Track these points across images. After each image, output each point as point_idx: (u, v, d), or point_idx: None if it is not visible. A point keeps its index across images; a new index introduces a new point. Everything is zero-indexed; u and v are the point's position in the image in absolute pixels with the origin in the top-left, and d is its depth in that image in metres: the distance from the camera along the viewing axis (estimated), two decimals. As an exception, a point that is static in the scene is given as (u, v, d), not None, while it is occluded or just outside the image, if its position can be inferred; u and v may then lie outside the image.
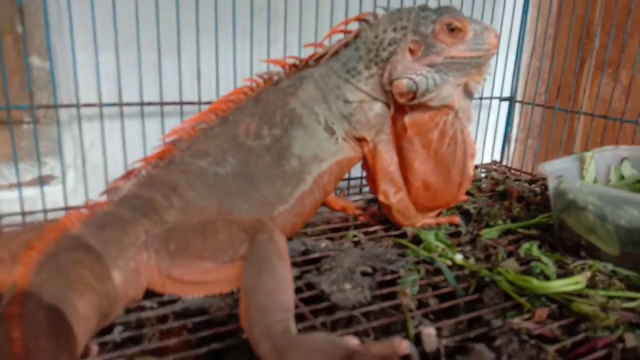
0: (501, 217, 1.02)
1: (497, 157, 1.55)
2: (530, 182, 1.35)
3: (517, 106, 1.53)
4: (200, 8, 0.99)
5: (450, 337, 0.64)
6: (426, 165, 0.92)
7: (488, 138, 1.50)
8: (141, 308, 0.67)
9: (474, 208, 1.05)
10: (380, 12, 0.87)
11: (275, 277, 0.59)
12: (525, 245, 0.90)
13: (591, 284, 0.77)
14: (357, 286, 0.73)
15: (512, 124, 1.52)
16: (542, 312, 0.70)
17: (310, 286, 0.75)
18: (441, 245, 0.90)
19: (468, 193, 1.14)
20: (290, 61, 0.87)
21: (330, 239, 0.93)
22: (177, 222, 0.70)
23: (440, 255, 0.86)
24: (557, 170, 0.95)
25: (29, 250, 0.54)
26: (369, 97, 0.87)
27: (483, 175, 1.41)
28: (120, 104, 0.97)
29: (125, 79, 0.97)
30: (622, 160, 1.06)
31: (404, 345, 0.50)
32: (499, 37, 0.84)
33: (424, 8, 0.85)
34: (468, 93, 0.89)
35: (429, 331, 0.63)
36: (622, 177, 1.05)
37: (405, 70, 0.84)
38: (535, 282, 0.74)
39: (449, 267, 0.83)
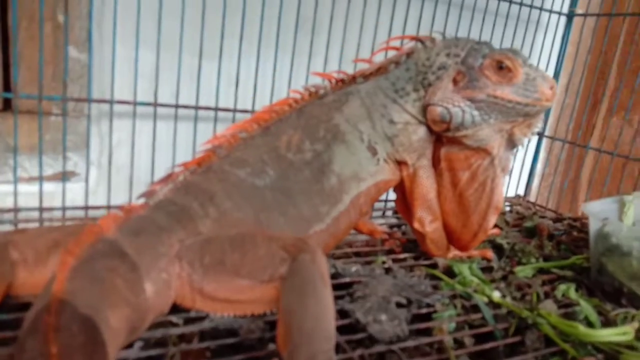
0: (534, 255, 0.99)
1: (520, 192, 1.52)
2: (556, 220, 1.32)
3: (544, 141, 1.50)
4: (247, 15, 0.96)
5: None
6: (449, 204, 0.88)
7: (514, 172, 1.46)
8: (165, 324, 0.63)
9: (507, 243, 1.02)
10: (437, 36, 0.84)
11: (320, 303, 0.56)
12: (562, 287, 0.87)
13: (638, 336, 0.73)
14: (394, 318, 0.70)
15: (538, 159, 1.50)
16: (589, 362, 0.66)
17: (343, 313, 0.71)
18: (476, 280, 0.86)
19: (496, 225, 1.10)
20: (337, 75, 0.85)
21: (359, 263, 0.89)
22: (212, 233, 0.66)
23: (475, 291, 0.83)
24: (597, 211, 0.92)
25: (65, 254, 0.50)
26: (415, 120, 0.84)
27: (507, 208, 1.38)
28: (155, 104, 0.94)
29: (162, 79, 0.94)
30: (662, 207, 1.03)
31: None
32: (555, 88, 0.79)
33: (483, 42, 0.82)
34: (511, 143, 0.84)
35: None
36: (660, 225, 1.02)
37: (443, 98, 0.81)
38: (581, 329, 0.70)
39: (485, 305, 0.79)
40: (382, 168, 0.84)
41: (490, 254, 0.97)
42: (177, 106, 0.95)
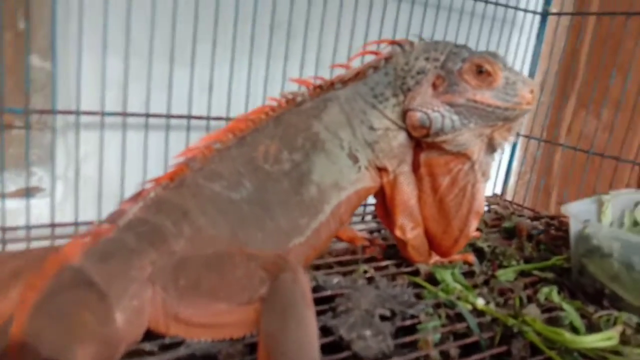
0: (515, 258, 0.98)
1: (497, 190, 1.52)
2: (533, 218, 1.32)
3: (521, 140, 1.51)
4: (220, 19, 0.93)
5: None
6: (429, 209, 0.87)
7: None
8: (139, 352, 0.59)
9: (488, 246, 1.01)
10: (416, 40, 0.83)
11: (303, 326, 0.53)
12: (545, 289, 0.86)
13: (622, 340, 0.73)
14: (378, 333, 0.68)
15: (515, 157, 1.50)
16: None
17: (326, 330, 0.69)
18: (459, 287, 0.85)
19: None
20: (315, 82, 0.82)
21: (340, 273, 0.87)
22: (187, 252, 0.63)
23: (459, 298, 0.81)
24: (577, 212, 0.92)
25: (26, 289, 0.46)
26: (395, 126, 0.82)
27: (486, 208, 1.38)
28: (124, 114, 0.90)
29: (132, 87, 0.90)
30: (637, 204, 1.04)
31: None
32: (535, 92, 0.78)
33: (462, 46, 0.81)
34: (491, 147, 0.83)
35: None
36: (635, 223, 1.03)
37: (423, 103, 0.79)
38: (567, 336, 0.70)
39: (470, 312, 0.78)
40: (363, 175, 0.82)
41: (471, 258, 0.96)
42: (147, 115, 0.92)
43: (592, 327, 0.78)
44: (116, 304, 0.53)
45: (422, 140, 0.83)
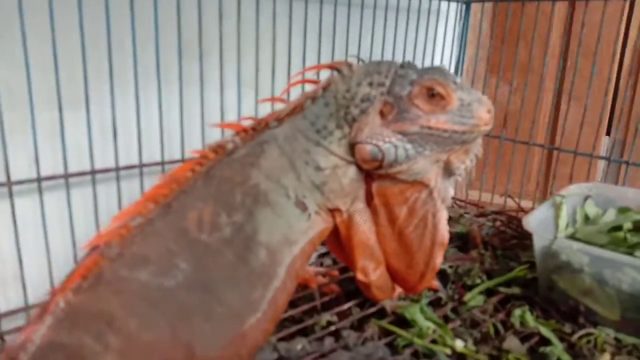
0: (478, 275, 0.93)
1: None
2: (479, 215, 1.29)
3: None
4: (114, 46, 0.76)
5: None
6: (389, 242, 0.78)
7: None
8: None
9: (450, 267, 0.95)
10: (353, 61, 0.72)
11: None
12: (517, 312, 0.82)
13: (611, 367, 0.69)
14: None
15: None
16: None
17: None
18: (432, 326, 0.78)
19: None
20: (246, 123, 0.69)
21: (301, 330, 0.77)
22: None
23: (435, 341, 0.74)
24: (537, 224, 0.87)
25: None
26: (343, 161, 0.72)
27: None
28: (9, 184, 0.71)
29: (13, 146, 0.71)
30: (586, 199, 1.02)
31: None
32: (492, 111, 0.70)
33: (407, 65, 0.71)
34: (449, 172, 0.75)
35: None
36: (587, 218, 1.01)
37: (372, 135, 0.69)
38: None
39: (449, 357, 0.72)
40: (314, 222, 0.71)
41: (435, 284, 0.90)
42: (39, 179, 0.73)
43: (573, 350, 0.74)
44: None
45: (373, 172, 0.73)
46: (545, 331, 0.77)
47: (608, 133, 1.85)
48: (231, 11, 0.89)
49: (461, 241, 1.10)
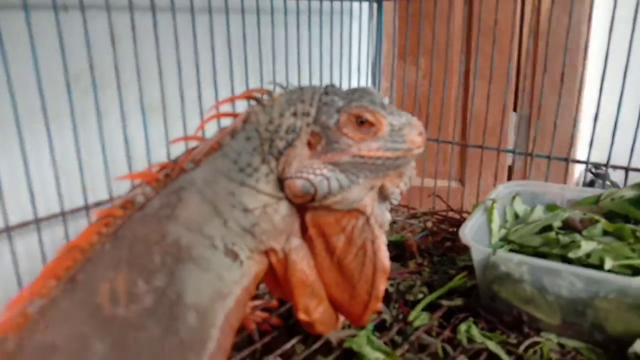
0: (420, 290, 0.91)
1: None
2: (410, 217, 1.29)
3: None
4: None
5: None
6: (328, 273, 0.73)
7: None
8: None
9: (390, 285, 0.91)
10: (272, 88, 0.65)
11: None
12: (463, 327, 0.80)
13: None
14: None
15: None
16: None
17: None
18: (381, 356, 0.74)
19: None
20: (157, 171, 0.60)
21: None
22: None
23: (387, 375, 0.71)
24: (473, 234, 0.86)
25: None
26: (273, 199, 0.65)
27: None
28: None
29: None
30: (514, 197, 1.03)
31: None
32: (424, 134, 0.67)
33: (330, 91, 0.65)
34: (383, 196, 0.70)
35: None
36: (516, 216, 1.02)
37: (302, 168, 0.63)
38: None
39: (403, 391, 0.68)
40: (248, 267, 0.64)
41: (379, 305, 0.86)
42: None
43: (521, 361, 0.74)
44: None
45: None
46: (492, 346, 0.76)
47: (515, 109, 1.93)
48: (124, 33, 0.78)
49: (397, 250, 1.08)
